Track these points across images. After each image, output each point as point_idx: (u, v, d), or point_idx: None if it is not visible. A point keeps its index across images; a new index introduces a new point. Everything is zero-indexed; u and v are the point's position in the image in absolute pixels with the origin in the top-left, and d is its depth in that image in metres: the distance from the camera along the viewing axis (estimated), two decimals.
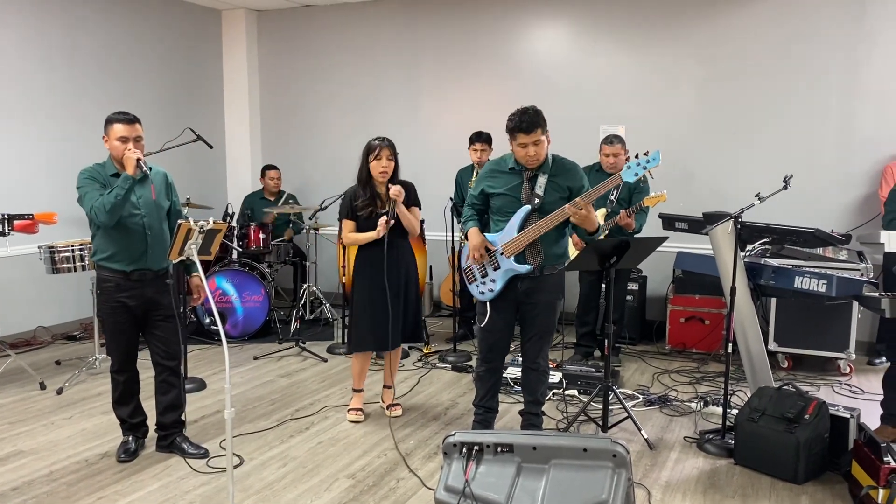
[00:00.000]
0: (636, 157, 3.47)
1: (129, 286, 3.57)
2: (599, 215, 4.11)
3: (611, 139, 5.22)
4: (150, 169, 3.64)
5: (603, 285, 5.45)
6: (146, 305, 3.64)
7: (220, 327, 2.89)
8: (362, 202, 4.08)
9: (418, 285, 4.35)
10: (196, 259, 3.10)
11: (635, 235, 5.14)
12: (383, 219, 4.00)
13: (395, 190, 3.98)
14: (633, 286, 5.98)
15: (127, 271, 3.56)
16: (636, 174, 3.45)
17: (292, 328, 6.22)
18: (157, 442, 3.83)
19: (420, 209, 4.25)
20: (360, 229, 4.13)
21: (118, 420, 3.80)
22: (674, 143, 6.25)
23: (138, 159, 3.42)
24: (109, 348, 3.71)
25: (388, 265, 4.05)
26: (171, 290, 3.69)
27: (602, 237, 3.83)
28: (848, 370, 5.27)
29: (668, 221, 4.53)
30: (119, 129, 3.46)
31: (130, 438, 3.78)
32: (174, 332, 3.74)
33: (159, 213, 3.65)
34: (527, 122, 3.44)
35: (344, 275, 5.52)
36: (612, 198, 5.06)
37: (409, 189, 4.17)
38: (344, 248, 5.45)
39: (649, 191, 5.20)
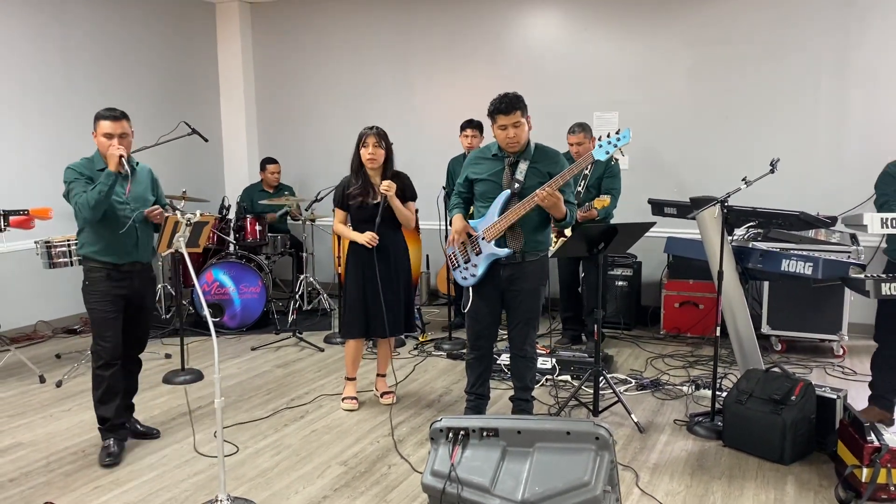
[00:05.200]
0: (607, 135, 3.50)
1: (120, 276, 3.62)
2: None
3: (573, 129, 5.34)
4: (137, 164, 3.71)
5: (581, 271, 5.61)
6: (133, 297, 3.69)
7: (209, 319, 2.94)
8: (354, 190, 4.12)
9: (410, 276, 4.37)
10: (185, 251, 3.13)
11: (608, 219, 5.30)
12: (370, 234, 4.04)
13: (385, 184, 4.01)
14: (627, 272, 6.02)
15: (118, 264, 3.60)
16: (607, 152, 3.50)
17: (289, 319, 6.27)
18: None
19: (415, 201, 4.28)
20: (352, 218, 4.19)
21: (99, 420, 3.70)
22: (667, 129, 6.28)
23: (120, 156, 3.44)
24: (96, 341, 3.63)
25: (378, 258, 4.10)
26: (154, 282, 3.81)
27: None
28: (841, 352, 5.30)
29: (657, 207, 4.54)
30: (105, 125, 3.50)
31: (112, 442, 3.65)
32: (147, 322, 3.87)
33: (144, 207, 3.69)
34: (506, 103, 3.51)
35: (340, 265, 5.56)
36: (579, 188, 5.12)
37: (405, 182, 4.19)
38: (339, 238, 5.48)
39: (619, 175, 5.26)
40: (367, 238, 4.04)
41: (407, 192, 4.19)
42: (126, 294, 3.66)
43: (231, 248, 6.36)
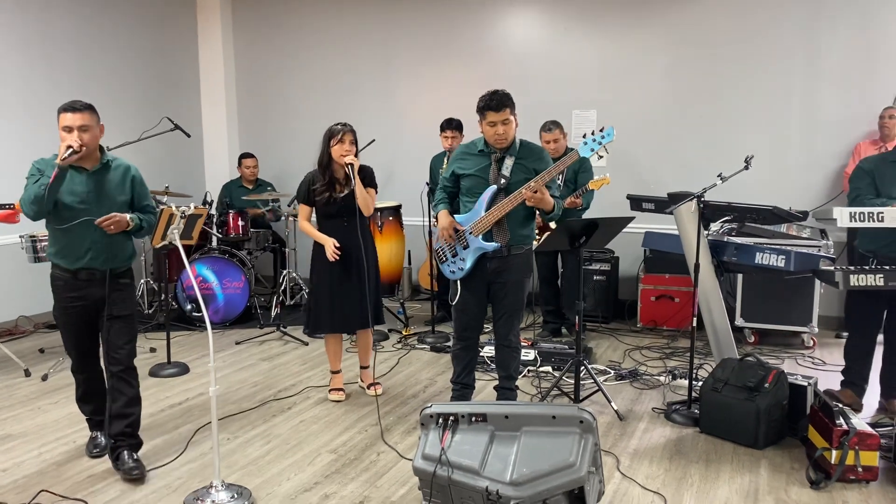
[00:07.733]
0: (591, 133, 3.62)
1: (77, 286, 3.37)
2: None
3: (548, 126, 5.47)
4: (112, 160, 3.40)
5: (560, 265, 5.75)
6: (97, 305, 3.40)
7: (203, 311, 3.01)
8: (321, 186, 4.18)
9: (377, 267, 4.42)
10: (179, 243, 3.19)
11: (585, 211, 5.47)
12: (332, 248, 4.10)
13: (350, 157, 4.06)
14: (605, 266, 6.16)
15: (72, 270, 3.35)
16: (592, 149, 3.63)
17: (273, 313, 6.32)
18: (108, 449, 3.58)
19: (376, 192, 4.34)
20: (318, 213, 4.25)
21: (83, 416, 3.72)
22: (644, 126, 6.43)
23: (69, 146, 3.12)
24: (66, 347, 3.57)
25: (348, 250, 4.15)
26: (126, 289, 3.47)
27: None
28: (811, 343, 5.48)
29: (636, 202, 4.68)
30: (65, 117, 3.23)
31: (98, 434, 3.67)
32: (123, 333, 3.43)
33: (112, 208, 3.32)
34: (497, 100, 3.59)
35: None
36: (559, 183, 5.26)
37: (367, 171, 4.25)
38: None
39: (592, 170, 5.41)
40: (330, 251, 4.11)
41: (367, 178, 4.22)
42: (84, 304, 3.39)
43: (214, 242, 6.39)
